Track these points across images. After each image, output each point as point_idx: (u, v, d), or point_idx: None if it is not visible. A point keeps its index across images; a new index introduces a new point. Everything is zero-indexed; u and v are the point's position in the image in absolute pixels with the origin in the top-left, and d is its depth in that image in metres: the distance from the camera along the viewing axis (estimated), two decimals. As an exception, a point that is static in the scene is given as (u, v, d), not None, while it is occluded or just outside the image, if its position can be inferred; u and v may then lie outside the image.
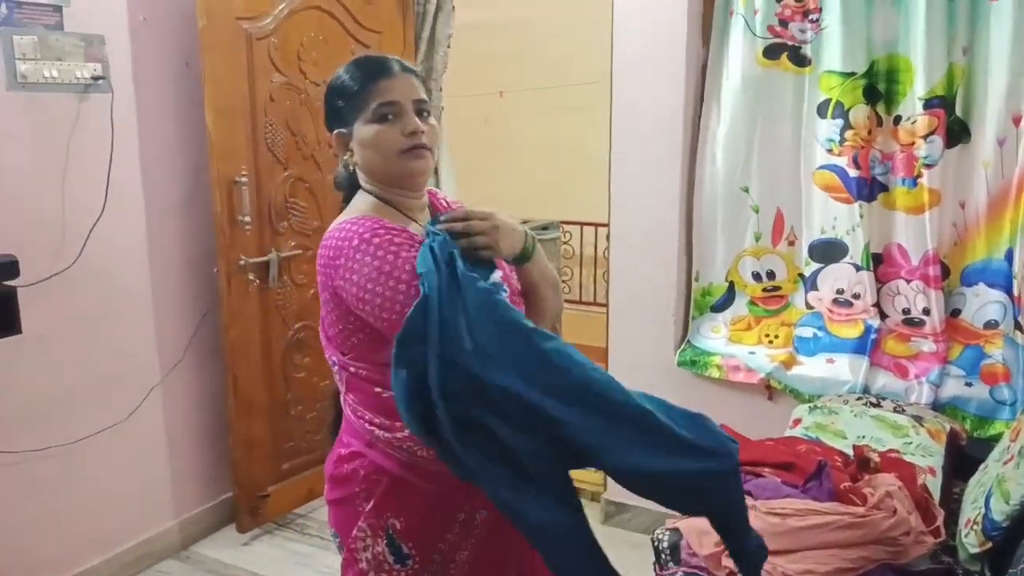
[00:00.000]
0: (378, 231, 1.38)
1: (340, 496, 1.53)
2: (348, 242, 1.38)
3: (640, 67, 2.97)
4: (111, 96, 2.67)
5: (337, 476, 1.54)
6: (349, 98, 1.46)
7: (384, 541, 1.47)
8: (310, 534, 3.18)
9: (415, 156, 1.44)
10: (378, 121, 1.43)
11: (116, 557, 2.85)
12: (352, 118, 1.46)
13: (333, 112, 1.51)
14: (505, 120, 5.68)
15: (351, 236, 1.39)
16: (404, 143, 1.43)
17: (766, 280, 2.98)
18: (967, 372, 2.62)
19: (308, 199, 3.21)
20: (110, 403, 2.79)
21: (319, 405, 3.35)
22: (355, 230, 1.39)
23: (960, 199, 2.66)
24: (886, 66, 2.68)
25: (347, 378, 1.50)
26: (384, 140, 1.43)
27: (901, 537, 1.82)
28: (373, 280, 1.35)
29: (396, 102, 1.43)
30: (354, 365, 1.47)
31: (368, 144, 1.44)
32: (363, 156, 1.47)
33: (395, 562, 1.48)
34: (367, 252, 1.36)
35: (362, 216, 1.43)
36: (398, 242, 1.37)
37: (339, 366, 1.50)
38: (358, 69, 1.48)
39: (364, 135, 1.44)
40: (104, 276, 2.74)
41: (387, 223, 1.41)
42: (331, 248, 1.41)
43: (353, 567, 1.52)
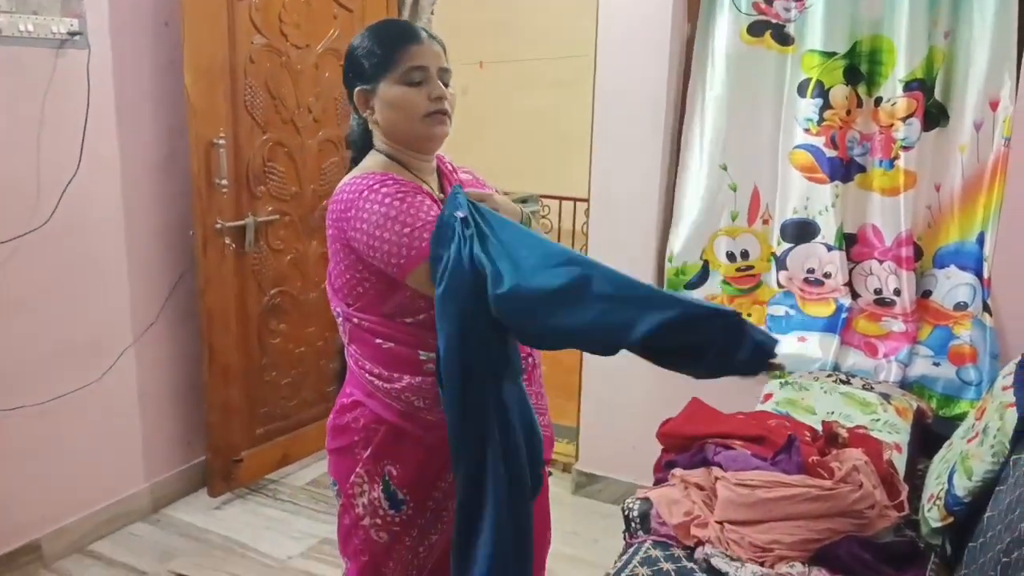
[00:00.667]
0: (386, 182, 1.43)
1: (340, 445, 1.57)
2: (358, 194, 1.43)
3: (625, 42, 2.96)
4: (88, 52, 2.63)
5: (338, 425, 1.58)
6: (376, 57, 1.49)
7: (380, 487, 1.52)
8: (283, 499, 3.19)
9: (437, 121, 1.50)
10: (406, 84, 1.47)
11: (87, 517, 2.84)
12: (378, 77, 1.49)
13: (356, 69, 1.53)
14: (485, 92, 5.65)
15: (361, 189, 1.44)
16: (429, 107, 1.48)
17: (740, 260, 3.00)
18: (935, 352, 2.67)
19: (287, 164, 3.18)
20: (83, 364, 2.77)
21: (294, 371, 3.35)
22: (365, 183, 1.44)
23: (936, 182, 2.69)
24: (869, 47, 2.69)
25: (350, 329, 1.54)
26: (410, 102, 1.48)
27: (866, 510, 1.86)
28: (380, 226, 1.39)
29: (425, 67, 1.48)
30: (358, 316, 1.51)
31: (394, 104, 1.49)
32: (386, 115, 1.50)
33: (390, 507, 1.53)
34: (375, 201, 1.41)
35: (372, 172, 1.47)
36: (405, 190, 1.42)
37: (343, 317, 1.54)
38: (388, 31, 1.53)
39: (391, 95, 1.48)
40: (78, 236, 2.70)
41: (396, 177, 1.46)
42: (342, 202, 1.46)
43: (350, 512, 1.56)
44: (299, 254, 3.29)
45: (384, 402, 1.50)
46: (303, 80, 3.18)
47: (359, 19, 3.32)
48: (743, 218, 2.97)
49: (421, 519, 1.54)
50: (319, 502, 3.17)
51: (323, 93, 3.26)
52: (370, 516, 1.54)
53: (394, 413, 1.50)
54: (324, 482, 3.29)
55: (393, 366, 1.49)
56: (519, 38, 5.79)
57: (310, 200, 3.29)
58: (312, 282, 3.34)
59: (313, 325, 3.38)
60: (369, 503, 1.53)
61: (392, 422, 1.50)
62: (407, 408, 1.49)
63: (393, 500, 1.52)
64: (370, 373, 1.51)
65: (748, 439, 2.13)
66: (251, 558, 2.81)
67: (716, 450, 2.11)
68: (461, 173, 1.67)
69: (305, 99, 3.20)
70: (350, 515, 1.57)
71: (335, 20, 3.27)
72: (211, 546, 2.87)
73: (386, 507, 1.53)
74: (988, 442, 1.84)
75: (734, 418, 2.29)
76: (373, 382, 1.51)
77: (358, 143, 1.59)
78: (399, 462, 1.52)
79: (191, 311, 3.04)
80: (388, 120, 1.50)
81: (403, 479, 1.52)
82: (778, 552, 1.82)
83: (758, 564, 1.80)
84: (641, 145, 2.99)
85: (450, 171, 1.64)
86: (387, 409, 1.50)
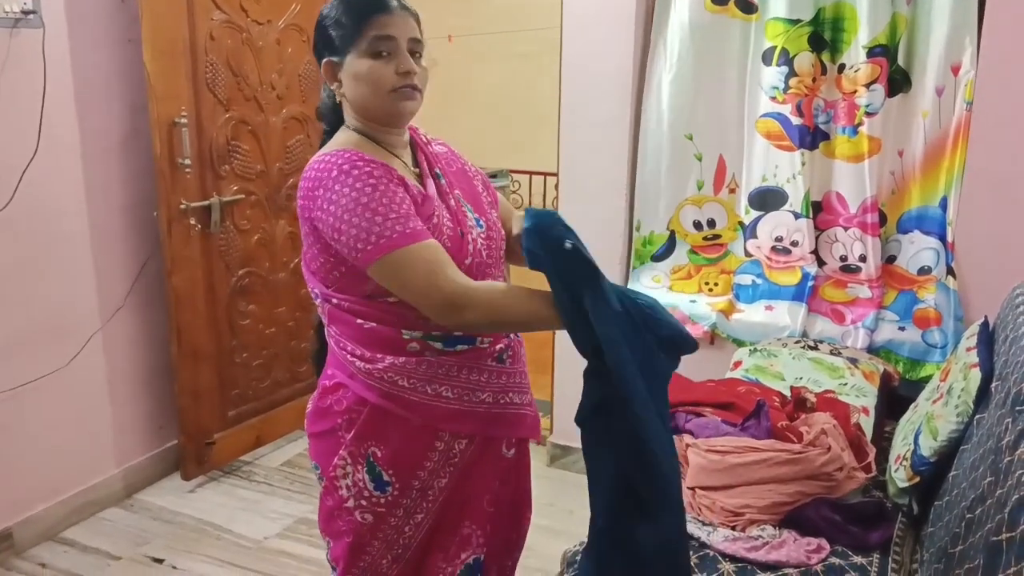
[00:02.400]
0: (357, 163, 1.39)
1: (322, 428, 1.55)
2: (327, 173, 1.39)
3: (590, 15, 2.94)
4: (43, 31, 2.56)
5: (320, 407, 1.55)
6: (344, 28, 1.44)
7: (364, 469, 1.50)
8: (257, 480, 3.18)
9: (406, 96, 1.45)
10: (372, 56, 1.43)
11: (59, 504, 2.81)
12: (345, 49, 1.44)
13: (324, 40, 1.48)
14: (453, 66, 5.60)
15: (330, 167, 1.39)
16: (396, 81, 1.43)
17: (707, 228, 3.02)
18: (901, 317, 2.71)
19: (251, 142, 3.13)
20: (49, 350, 2.73)
21: (265, 352, 3.32)
22: (335, 161, 1.40)
23: (899, 147, 2.72)
24: (832, 14, 2.70)
25: (329, 310, 1.51)
26: (377, 76, 1.43)
27: (835, 472, 1.89)
28: (350, 211, 1.36)
29: (392, 38, 1.43)
30: (337, 297, 1.48)
31: (360, 78, 1.44)
32: (353, 89, 1.46)
33: (375, 489, 1.50)
34: (344, 183, 1.37)
35: (343, 149, 1.43)
36: (377, 175, 1.39)
37: (322, 298, 1.51)
38: (355, 2, 1.46)
39: (357, 68, 1.44)
40: (39, 220, 2.65)
41: (367, 156, 1.42)
42: (310, 180, 1.42)
43: (333, 495, 1.54)
44: (266, 234, 3.25)
45: (366, 383, 1.47)
46: (265, 56, 3.13)
47: (321, -6, 3.27)
48: (709, 187, 2.98)
49: (406, 499, 1.51)
50: (294, 483, 3.16)
51: (286, 69, 3.21)
52: (354, 498, 1.51)
53: (377, 394, 1.47)
54: (299, 463, 3.28)
55: (375, 346, 1.46)
56: (486, 11, 5.73)
57: (276, 179, 3.25)
58: (280, 262, 3.31)
59: (283, 305, 3.35)
60: (353, 484, 1.51)
61: (375, 403, 1.47)
62: (390, 388, 1.46)
63: (378, 481, 1.50)
64: (351, 354, 1.48)
65: (718, 406, 2.16)
66: (227, 540, 2.80)
67: (687, 418, 2.13)
68: (435, 145, 1.63)
69: (268, 76, 3.15)
70: (333, 497, 1.54)
71: (296, -6, 3.22)
72: (186, 529, 2.86)
73: (371, 488, 1.50)
74: (952, 403, 1.87)
75: (704, 386, 2.31)
76: (355, 363, 1.48)
77: (329, 117, 1.55)
78: (383, 443, 1.49)
79: (158, 294, 3.01)
80: (356, 94, 1.46)
81: (388, 460, 1.49)
82: (749, 516, 1.85)
83: (730, 528, 1.83)
84: (608, 117, 2.99)
85: (424, 143, 1.61)
86: (369, 390, 1.47)
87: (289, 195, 3.27)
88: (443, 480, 1.53)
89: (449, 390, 1.49)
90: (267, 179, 3.22)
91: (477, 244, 1.51)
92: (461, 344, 1.49)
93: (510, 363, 1.57)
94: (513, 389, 1.57)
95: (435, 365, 1.47)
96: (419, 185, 1.49)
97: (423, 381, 1.47)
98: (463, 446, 1.53)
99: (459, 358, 1.49)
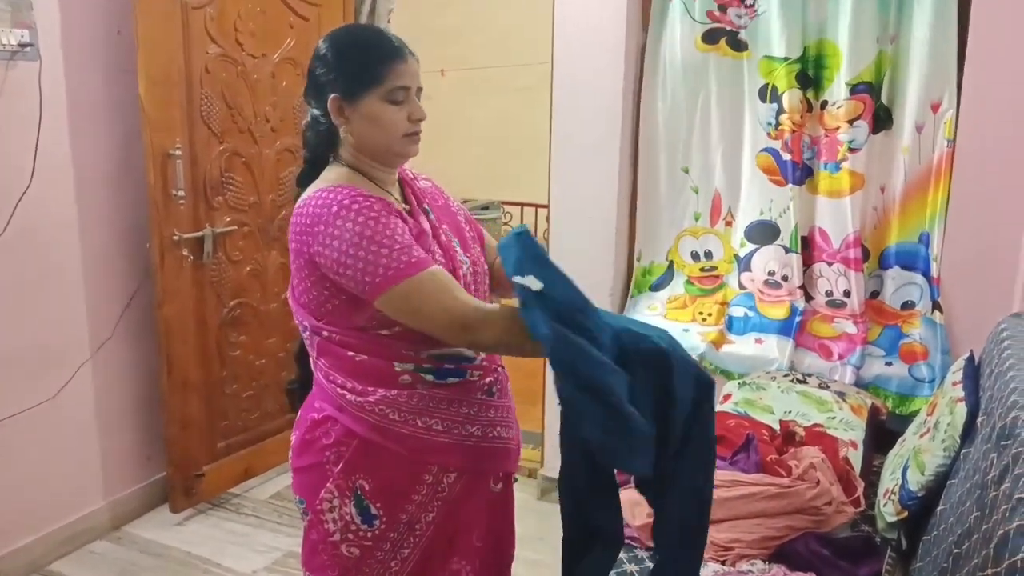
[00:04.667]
0: (356, 198, 1.41)
1: (309, 462, 1.54)
2: (327, 209, 1.41)
3: (581, 50, 2.99)
4: (39, 64, 2.59)
5: (308, 440, 1.54)
6: (363, 69, 1.47)
7: (352, 502, 1.50)
8: (246, 513, 3.16)
9: (414, 140, 1.52)
10: (390, 102, 1.47)
11: (46, 537, 2.79)
12: (360, 90, 1.47)
13: (334, 78, 1.49)
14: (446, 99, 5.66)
15: (330, 203, 1.41)
16: (409, 127, 1.49)
17: (704, 260, 3.05)
18: (887, 352, 2.73)
19: (244, 174, 3.16)
20: (38, 380, 2.72)
21: (255, 383, 3.32)
22: (333, 198, 1.41)
23: (881, 183, 2.76)
24: (815, 51, 2.76)
25: (319, 343, 1.51)
26: (392, 121, 1.47)
27: (824, 507, 1.90)
28: (355, 245, 1.37)
29: (408, 87, 1.48)
30: (327, 329, 1.48)
31: (375, 120, 1.47)
32: (363, 129, 1.49)
33: (362, 522, 1.50)
34: (347, 219, 1.39)
35: (338, 185, 1.45)
36: (377, 208, 1.41)
37: (311, 331, 1.51)
38: (378, 44, 1.50)
39: (373, 111, 1.47)
40: (32, 249, 2.66)
41: (364, 191, 1.44)
42: (308, 216, 1.43)
43: (318, 528, 1.53)
44: (258, 265, 3.26)
45: (356, 416, 1.47)
46: (260, 89, 3.16)
47: (315, 28, 3.32)
48: (706, 219, 3.03)
49: (393, 532, 1.51)
50: (283, 515, 3.14)
51: (280, 102, 3.24)
52: (340, 532, 1.51)
53: (367, 427, 1.47)
54: (288, 495, 3.26)
55: (366, 379, 1.46)
56: (477, 45, 5.81)
57: (269, 210, 3.27)
58: (272, 293, 3.32)
59: (274, 336, 3.35)
60: (339, 518, 1.50)
61: (364, 436, 1.47)
62: (380, 421, 1.46)
63: (365, 515, 1.49)
64: (341, 387, 1.48)
65: (708, 439, 2.16)
66: (215, 573, 2.77)
67: (677, 451, 2.13)
68: (420, 181, 1.67)
69: (262, 108, 3.18)
70: (318, 531, 1.53)
71: (291, 29, 3.26)
72: (174, 562, 2.83)
73: (358, 522, 1.50)
74: (939, 437, 1.89)
75: (694, 419, 2.31)
76: (344, 396, 1.48)
77: (316, 148, 1.55)
78: (371, 476, 1.49)
79: (149, 324, 3.00)
80: (364, 133, 1.48)
81: (375, 493, 1.49)
82: (739, 550, 1.85)
83: (719, 563, 1.83)
84: (598, 150, 3.02)
85: (411, 179, 1.64)
86: (359, 423, 1.47)
87: (281, 226, 3.28)
88: (431, 514, 1.53)
89: (439, 423, 1.49)
90: (260, 210, 3.24)
91: (467, 279, 1.53)
92: (452, 377, 1.50)
93: (498, 396, 1.58)
94: (500, 423, 1.58)
95: (426, 398, 1.48)
96: (412, 220, 1.51)
97: (413, 414, 1.47)
98: (451, 480, 1.53)
99: (450, 391, 1.50)
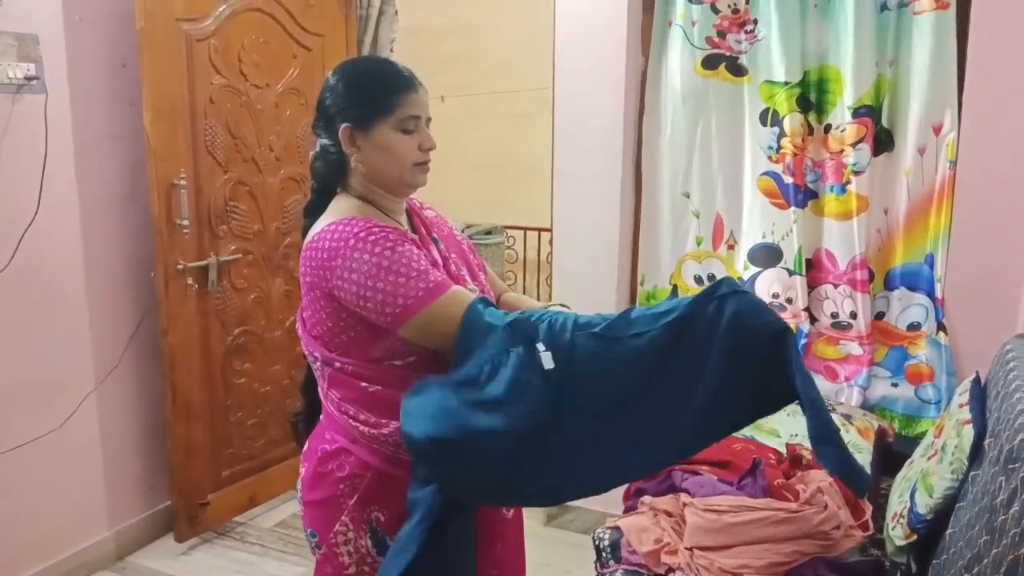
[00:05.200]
0: (372, 229, 1.41)
1: (322, 496, 1.52)
2: (344, 243, 1.41)
3: (582, 75, 3.02)
4: (45, 97, 2.61)
5: (320, 473, 1.52)
6: (374, 98, 1.48)
7: (368, 535, 1.49)
8: (250, 542, 3.14)
9: (423, 170, 1.52)
10: (402, 132, 1.48)
11: (50, 568, 2.77)
12: (373, 120, 1.48)
13: (346, 107, 1.49)
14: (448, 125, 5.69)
15: (347, 237, 1.41)
16: (419, 157, 1.50)
17: (707, 283, 3.05)
18: (893, 373, 2.72)
19: (248, 202, 3.17)
20: (44, 410, 2.72)
21: (260, 411, 3.31)
22: (349, 231, 1.42)
23: (884, 206, 2.76)
24: (817, 76, 2.78)
25: (331, 374, 1.50)
26: (404, 151, 1.49)
27: (832, 531, 1.89)
28: (373, 276, 1.37)
29: (419, 117, 1.49)
30: (340, 361, 1.47)
31: (387, 149, 1.48)
32: (376, 158, 1.49)
33: (379, 554, 1.49)
34: (364, 250, 1.39)
35: (351, 217, 1.45)
36: (393, 238, 1.41)
37: (322, 361, 1.50)
38: (390, 75, 1.51)
39: (387, 141, 1.48)
40: (38, 280, 2.67)
41: (378, 222, 1.44)
42: (324, 251, 1.43)
43: (332, 561, 1.51)
44: (263, 292, 3.27)
45: (371, 448, 1.46)
46: (264, 119, 3.18)
47: (319, 58, 3.35)
48: (708, 243, 3.03)
49: None
50: (288, 544, 3.12)
51: (284, 131, 3.27)
52: (356, 564, 1.50)
53: (381, 458, 1.46)
54: (293, 523, 3.25)
55: (380, 411, 1.45)
56: (479, 71, 5.85)
57: (273, 238, 3.28)
58: (276, 320, 3.32)
59: (278, 363, 3.35)
60: (355, 551, 1.49)
61: (379, 468, 1.46)
62: (395, 452, 1.45)
63: (382, 546, 1.48)
64: (354, 419, 1.47)
65: (714, 464, 2.15)
66: (219, 603, 2.76)
67: (683, 476, 2.13)
68: (426, 210, 1.67)
69: (266, 138, 3.20)
70: (333, 564, 1.51)
71: (295, 59, 3.29)
72: (178, 592, 2.83)
73: (375, 554, 1.48)
74: (947, 459, 1.87)
75: (700, 444, 2.30)
76: (358, 427, 1.47)
77: (327, 179, 1.54)
78: (387, 508, 1.47)
79: (154, 353, 3.01)
80: (375, 163, 1.49)
81: (391, 525, 1.47)
82: (747, 576, 1.84)
83: (728, 589, 1.82)
84: (600, 175, 3.04)
85: (418, 208, 1.65)
86: (374, 455, 1.46)
87: (286, 254, 3.30)
88: None
89: None
90: (264, 238, 3.25)
91: None
92: None
93: None
94: None
95: None
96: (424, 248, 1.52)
97: None
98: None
99: None
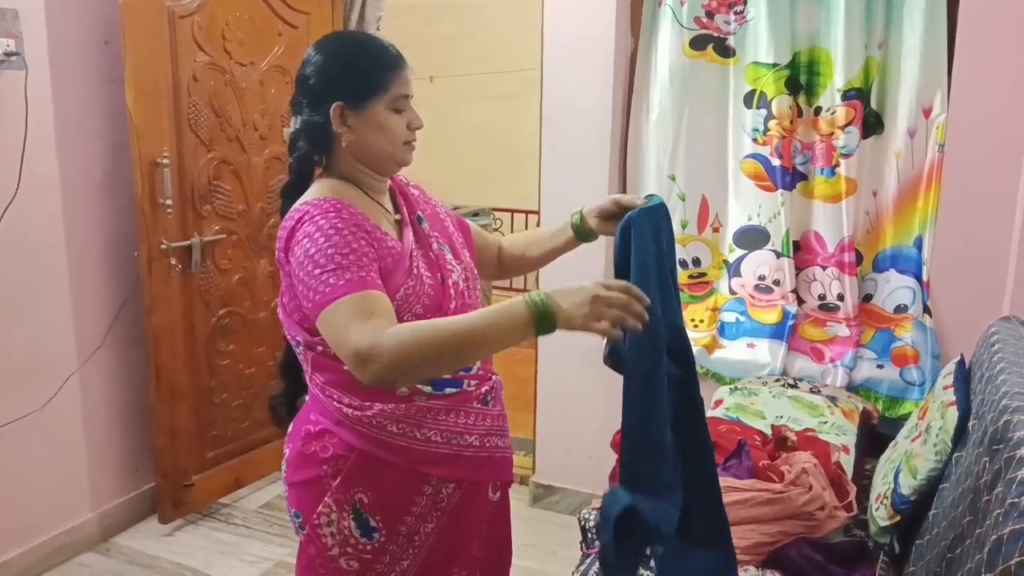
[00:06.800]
0: (328, 213, 1.39)
1: (305, 477, 1.50)
2: (301, 223, 1.40)
3: (570, 57, 2.99)
4: (25, 73, 2.57)
5: (304, 454, 1.51)
6: (369, 76, 1.46)
7: (351, 515, 1.48)
8: (236, 523, 3.14)
9: (411, 148, 1.52)
10: (394, 110, 1.47)
11: (33, 549, 2.76)
12: (365, 99, 1.46)
13: (336, 85, 1.46)
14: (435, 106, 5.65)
15: (302, 217, 1.41)
16: (408, 135, 1.50)
17: (692, 267, 3.05)
18: (879, 355, 2.73)
19: (233, 182, 3.14)
20: (26, 391, 2.70)
21: (245, 392, 3.30)
22: (310, 211, 1.41)
23: (873, 188, 2.76)
24: (807, 58, 2.76)
25: (313, 358, 1.48)
26: (396, 129, 1.48)
27: (816, 512, 1.89)
28: (300, 265, 1.37)
29: (409, 95, 1.50)
30: (322, 344, 1.43)
31: (380, 128, 1.47)
32: (367, 137, 1.47)
33: (361, 535, 1.48)
34: (306, 233, 1.38)
35: (323, 198, 1.43)
36: (339, 226, 1.38)
37: (305, 345, 1.48)
38: (381, 53, 1.49)
39: (380, 119, 1.47)
40: (19, 260, 2.64)
41: (346, 205, 1.42)
42: (287, 229, 1.43)
43: (315, 543, 1.50)
44: (247, 273, 3.25)
45: (355, 429, 1.45)
46: (248, 97, 3.15)
47: (304, 36, 3.31)
48: (693, 227, 3.02)
49: (393, 545, 1.49)
50: (273, 525, 3.12)
51: (268, 110, 3.23)
52: (339, 546, 1.49)
53: (366, 440, 1.45)
54: (278, 505, 3.24)
55: (364, 393, 1.44)
56: (467, 52, 5.81)
57: (258, 218, 3.25)
58: (261, 301, 3.30)
59: (263, 345, 3.33)
60: (338, 532, 1.48)
61: (363, 449, 1.45)
62: (379, 434, 1.45)
63: (365, 528, 1.48)
64: (338, 401, 1.46)
65: (700, 445, 2.15)
66: (204, 584, 2.76)
67: (669, 457, 2.12)
68: (411, 188, 1.66)
69: (251, 116, 3.17)
70: (316, 545, 1.50)
71: (280, 37, 3.25)
72: (163, 574, 2.81)
73: (357, 535, 1.48)
74: (931, 441, 1.88)
75: (686, 425, 2.31)
76: (342, 409, 1.45)
77: (310, 158, 1.50)
78: (370, 489, 1.47)
79: (137, 334, 2.98)
80: (368, 141, 1.47)
81: (375, 506, 1.47)
82: (732, 556, 1.84)
83: (713, 569, 1.82)
84: (588, 157, 3.02)
85: (403, 186, 1.63)
86: (358, 436, 1.45)
87: (270, 234, 3.27)
88: (430, 525, 1.51)
89: (438, 434, 1.48)
90: (249, 218, 3.22)
91: (459, 287, 1.52)
92: (449, 388, 1.49)
93: (492, 405, 1.57)
94: (496, 432, 1.57)
95: (424, 410, 1.47)
96: (396, 236, 1.49)
97: (412, 426, 1.46)
98: (450, 491, 1.52)
99: (447, 401, 1.49)
